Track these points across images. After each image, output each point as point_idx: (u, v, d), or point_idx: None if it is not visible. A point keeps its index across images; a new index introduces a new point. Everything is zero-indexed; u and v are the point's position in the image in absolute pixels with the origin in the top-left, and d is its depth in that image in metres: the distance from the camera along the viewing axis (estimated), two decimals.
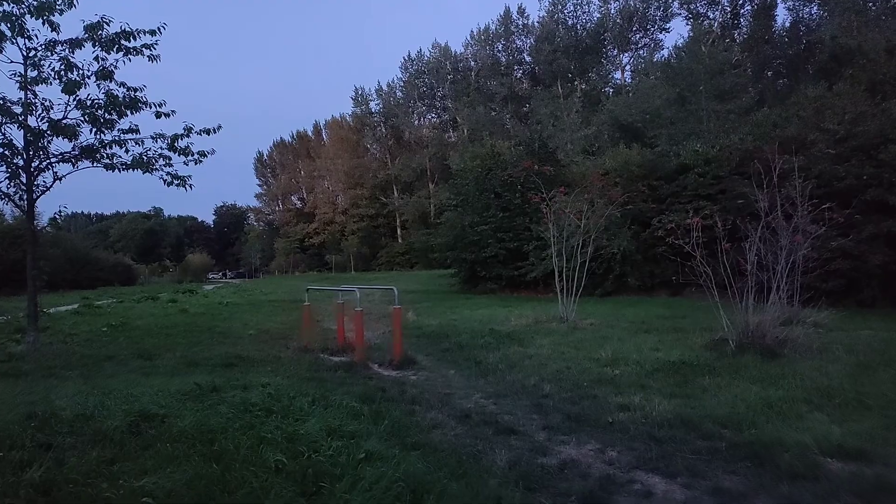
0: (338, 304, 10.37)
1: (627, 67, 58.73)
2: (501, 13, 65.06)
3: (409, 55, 69.65)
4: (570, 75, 57.64)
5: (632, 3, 54.98)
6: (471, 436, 4.86)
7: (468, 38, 68.69)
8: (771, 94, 38.00)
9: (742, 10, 48.38)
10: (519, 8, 63.47)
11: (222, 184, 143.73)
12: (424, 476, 3.63)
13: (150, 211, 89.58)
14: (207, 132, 10.10)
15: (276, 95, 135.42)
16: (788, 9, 44.44)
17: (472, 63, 66.88)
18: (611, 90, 55.75)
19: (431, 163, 63.41)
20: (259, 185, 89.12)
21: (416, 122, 71.29)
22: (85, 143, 9.64)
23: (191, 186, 10.15)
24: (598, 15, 57.81)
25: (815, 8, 41.92)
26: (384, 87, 72.04)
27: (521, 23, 63.84)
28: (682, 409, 5.42)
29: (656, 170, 21.47)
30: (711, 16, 49.76)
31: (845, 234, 12.82)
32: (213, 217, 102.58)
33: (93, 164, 9.80)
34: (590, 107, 48.67)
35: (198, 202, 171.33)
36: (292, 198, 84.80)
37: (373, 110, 73.35)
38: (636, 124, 36.71)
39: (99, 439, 4.45)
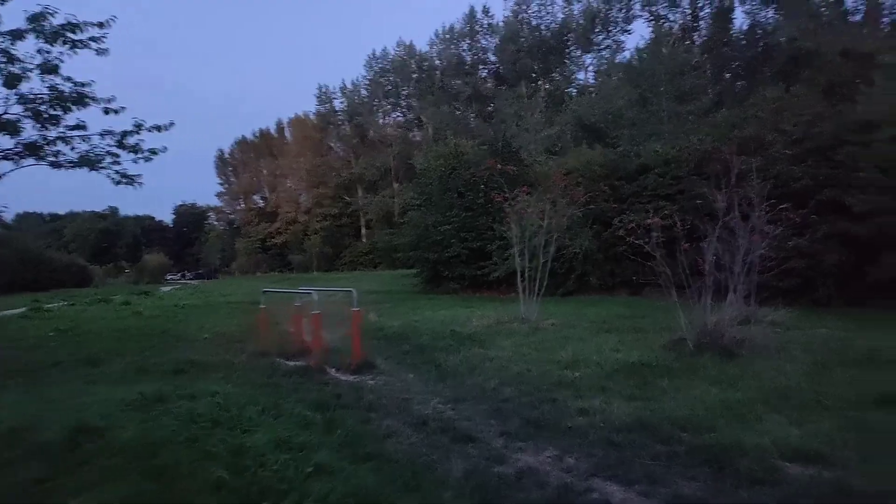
0: (295, 307, 10.12)
1: (591, 68, 59.33)
2: (466, 12, 65.11)
3: (373, 53, 69.18)
4: (533, 75, 57.94)
5: (594, 4, 55.50)
6: (427, 444, 4.72)
7: (433, 36, 68.57)
8: (729, 96, 38.71)
9: (701, 13, 49.27)
10: (483, 7, 63.58)
11: (183, 182, 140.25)
12: (376, 490, 3.49)
13: (105, 210, 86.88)
14: (158, 129, 9.74)
15: (240, 92, 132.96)
16: (746, 12, 45.40)
17: (437, 62, 66.73)
18: (574, 90, 56.22)
19: (396, 162, 63.04)
20: (220, 184, 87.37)
21: (381, 120, 70.82)
22: (28, 140, 9.19)
23: (140, 185, 9.77)
24: (562, 16, 58.28)
25: (771, 12, 42.91)
26: (348, 86, 71.45)
27: (485, 22, 63.95)
28: (642, 411, 5.38)
29: (618, 170, 21.64)
30: (672, 18, 50.57)
31: (801, 234, 13.04)
32: (173, 216, 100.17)
33: (37, 161, 9.36)
34: (553, 107, 48.96)
35: (156, 201, 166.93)
36: (254, 197, 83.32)
37: (337, 108, 72.67)
38: (598, 124, 37.04)
39: (34, 454, 4.20)
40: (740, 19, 49.47)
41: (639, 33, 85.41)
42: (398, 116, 71.58)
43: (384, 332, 11.73)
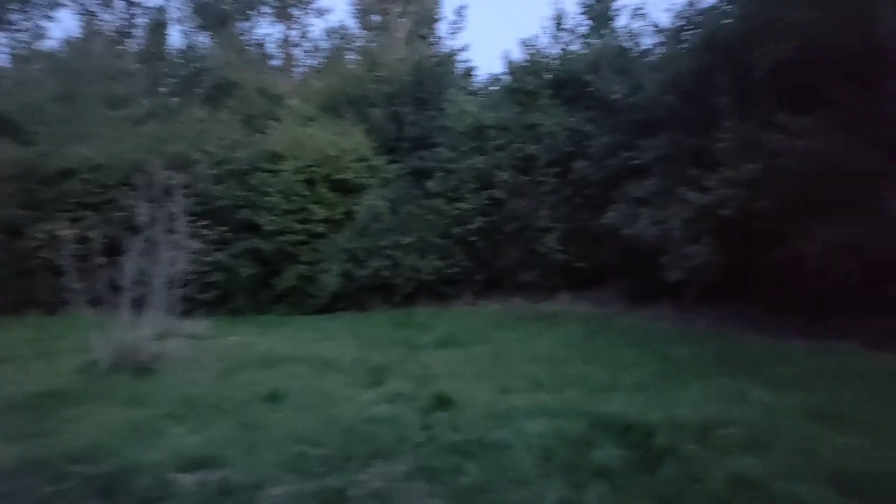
0: None
1: (5, 49, 50.27)
2: None
3: None
4: None
5: None
6: None
7: None
8: (163, 110, 38.78)
9: (137, 21, 48.00)
10: None
11: None
12: None
13: None
14: None
15: None
16: (182, 32, 46.51)
17: None
18: None
19: None
20: None
21: None
22: None
23: None
24: None
25: (204, 37, 45.13)
26: None
27: None
28: (34, 451, 4.73)
29: (35, 171, 18.95)
30: (107, 18, 47.54)
31: (221, 250, 14.09)
32: None
33: None
34: None
35: None
36: None
37: None
38: (13, 116, 31.76)
39: None
40: (177, 37, 50.31)
41: (67, 23, 77.24)
42: None
43: None
